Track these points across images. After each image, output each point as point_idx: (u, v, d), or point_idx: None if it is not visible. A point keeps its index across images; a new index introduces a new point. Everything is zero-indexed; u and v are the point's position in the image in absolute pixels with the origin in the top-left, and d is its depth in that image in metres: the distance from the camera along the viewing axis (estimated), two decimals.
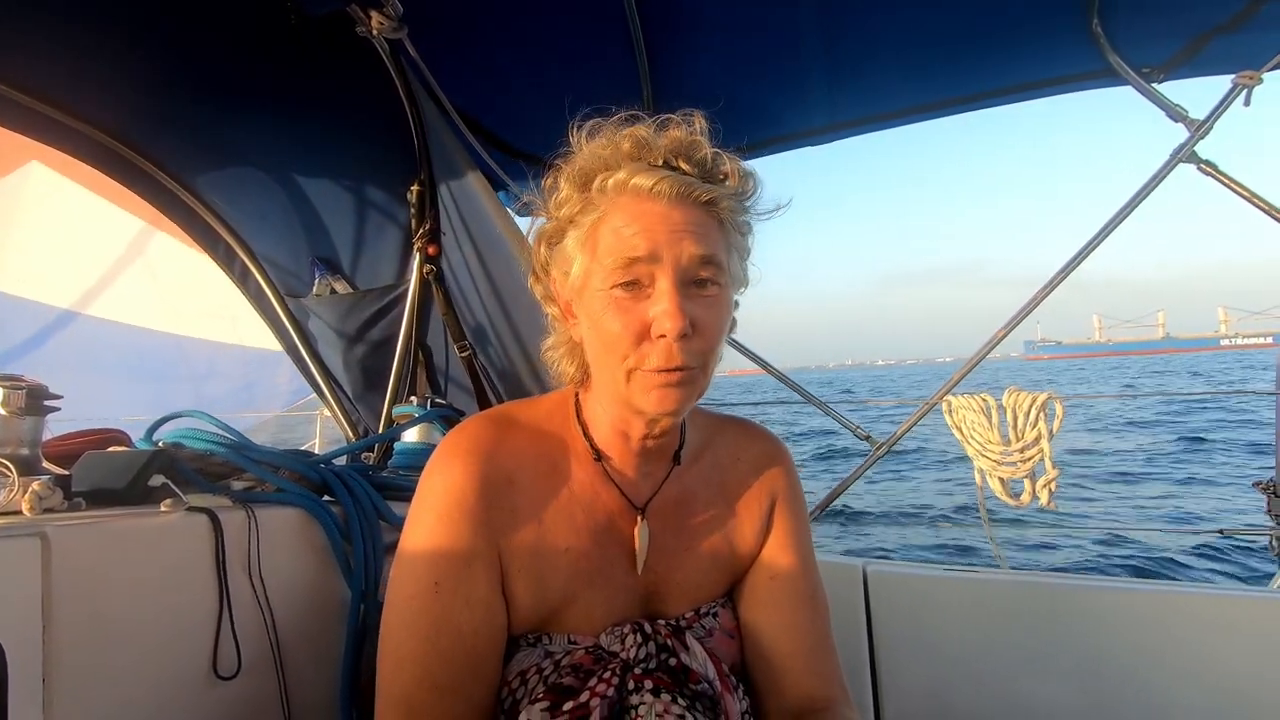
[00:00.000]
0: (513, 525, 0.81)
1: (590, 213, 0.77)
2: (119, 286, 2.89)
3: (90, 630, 0.90)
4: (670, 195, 0.75)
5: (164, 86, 1.82)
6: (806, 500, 1.01)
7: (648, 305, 0.74)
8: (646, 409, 0.77)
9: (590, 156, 0.79)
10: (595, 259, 0.76)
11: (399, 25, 1.66)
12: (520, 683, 0.79)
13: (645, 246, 0.73)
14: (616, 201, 0.76)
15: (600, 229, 0.77)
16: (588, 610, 0.82)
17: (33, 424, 1.16)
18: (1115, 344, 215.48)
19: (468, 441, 0.83)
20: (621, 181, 0.76)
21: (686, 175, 0.76)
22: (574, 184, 0.79)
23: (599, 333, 0.77)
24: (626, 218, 0.75)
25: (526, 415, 0.89)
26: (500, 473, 0.82)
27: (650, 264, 0.73)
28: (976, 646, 1.36)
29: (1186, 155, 1.72)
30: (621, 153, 0.78)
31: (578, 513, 0.84)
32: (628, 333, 0.74)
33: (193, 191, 2.08)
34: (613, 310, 0.74)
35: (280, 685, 1.16)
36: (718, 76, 2.08)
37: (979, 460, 1.95)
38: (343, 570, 1.27)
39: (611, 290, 0.74)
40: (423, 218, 1.95)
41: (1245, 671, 1.21)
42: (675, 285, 0.73)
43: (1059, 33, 1.80)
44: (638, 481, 0.88)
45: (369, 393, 2.23)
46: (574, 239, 0.79)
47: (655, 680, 0.77)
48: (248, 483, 1.25)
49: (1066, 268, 1.88)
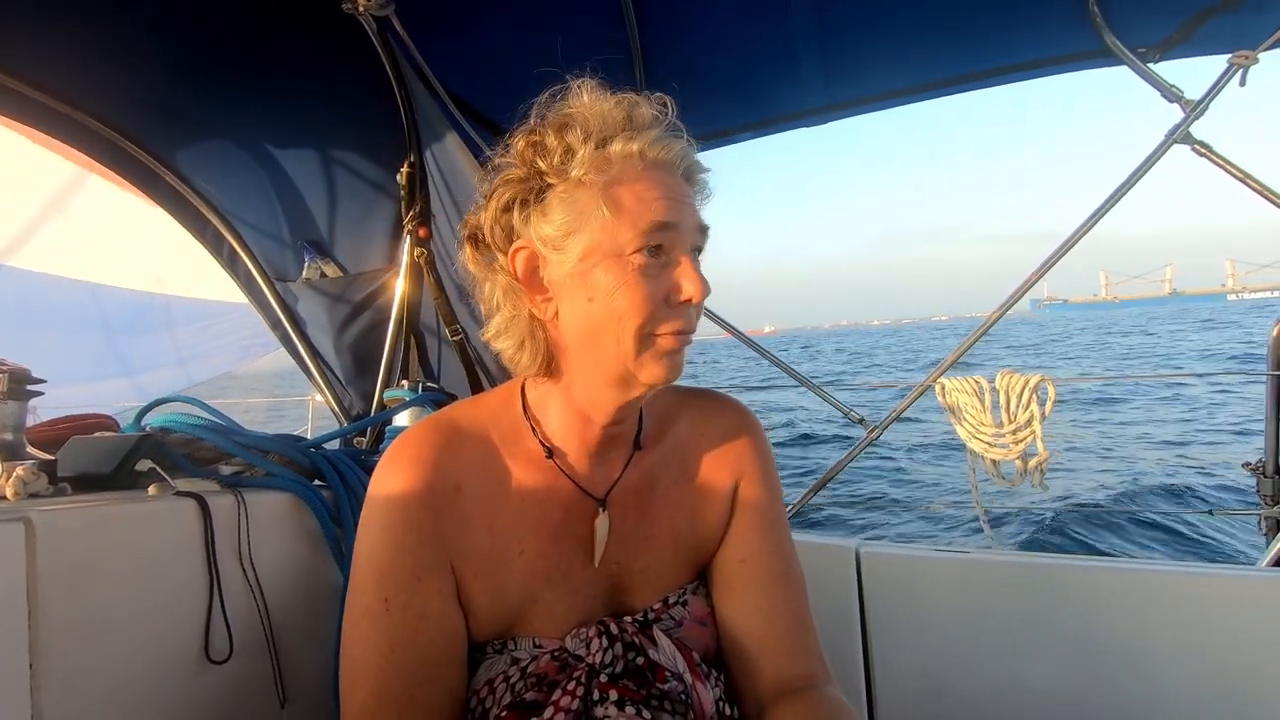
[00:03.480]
0: (464, 533, 0.79)
1: (604, 172, 0.73)
2: (50, 236, 2.79)
3: (77, 616, 0.90)
4: (682, 167, 0.77)
5: (148, 68, 1.78)
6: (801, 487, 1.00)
7: (669, 272, 0.74)
8: (653, 378, 0.76)
9: (602, 116, 0.75)
10: (617, 222, 0.72)
11: (385, 2, 1.63)
12: (489, 691, 0.78)
13: (670, 212, 0.73)
14: (632, 167, 0.74)
15: (618, 192, 0.73)
16: (550, 610, 0.81)
17: (15, 409, 1.15)
18: (1123, 301, 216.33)
19: (411, 451, 0.80)
20: (643, 148, 0.74)
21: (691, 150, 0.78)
22: (589, 141, 0.74)
23: (611, 302, 0.73)
24: (648, 184, 0.74)
25: (470, 417, 0.86)
26: (447, 481, 0.79)
27: (674, 230, 0.74)
28: (969, 627, 1.37)
29: (1181, 136, 1.71)
30: (638, 117, 0.76)
31: (531, 511, 0.82)
32: (653, 299, 0.73)
33: (179, 174, 2.05)
34: (637, 276, 0.72)
35: (274, 667, 1.16)
36: (711, 57, 2.06)
37: (972, 442, 1.96)
38: (334, 554, 1.26)
39: (634, 256, 0.72)
40: (413, 200, 1.92)
41: (1235, 649, 1.22)
42: (690, 252, 0.76)
43: (1055, 12, 1.79)
44: (595, 472, 0.85)
45: (360, 376, 2.21)
46: (582, 199, 0.73)
47: (620, 690, 0.75)
48: (237, 467, 1.24)
49: (1058, 252, 1.88)
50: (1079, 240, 1.85)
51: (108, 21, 1.61)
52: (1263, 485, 2.48)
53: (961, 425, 1.97)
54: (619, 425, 0.83)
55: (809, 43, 1.96)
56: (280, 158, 2.01)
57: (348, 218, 2.08)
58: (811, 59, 2.01)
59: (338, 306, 2.14)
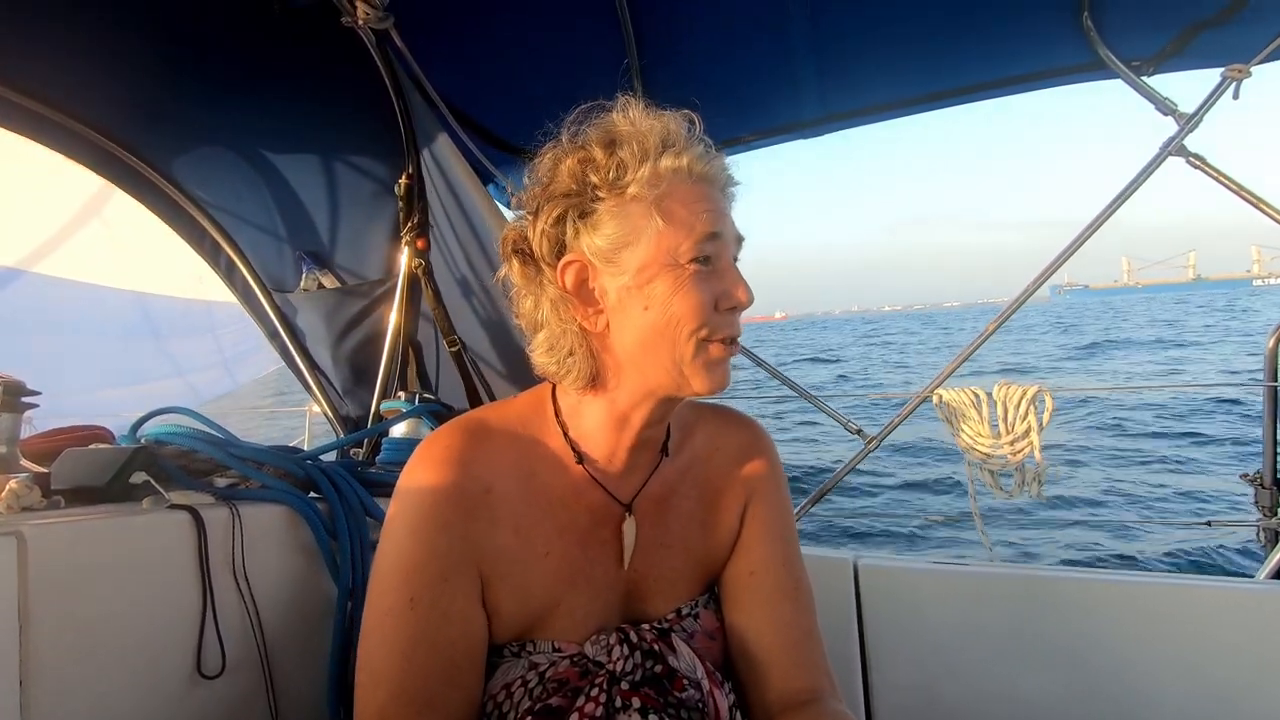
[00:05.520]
0: (492, 534, 0.79)
1: (655, 187, 0.76)
2: (76, 244, 2.80)
3: (69, 630, 0.89)
4: (720, 182, 0.81)
5: (148, 79, 1.79)
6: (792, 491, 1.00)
7: (718, 279, 0.77)
8: (705, 388, 0.78)
9: (649, 131, 0.78)
10: (672, 233, 0.76)
11: (385, 15, 1.64)
12: (506, 696, 0.78)
13: (718, 223, 0.77)
14: (681, 181, 0.78)
15: (670, 205, 0.76)
16: (570, 613, 0.81)
17: (9, 420, 1.14)
18: (1145, 287, 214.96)
19: (441, 452, 0.80)
20: (690, 163, 0.78)
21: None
22: (639, 156, 0.77)
23: (668, 309, 0.75)
24: (696, 197, 0.77)
25: (500, 419, 0.87)
26: (477, 482, 0.80)
27: (720, 240, 0.77)
28: (967, 639, 1.36)
29: (1176, 149, 1.72)
30: (680, 134, 0.80)
31: (559, 515, 0.83)
32: (707, 305, 0.76)
33: (177, 185, 2.05)
34: (691, 282, 0.76)
35: (267, 683, 1.15)
36: (708, 70, 2.07)
37: (969, 453, 1.95)
38: (329, 567, 1.25)
39: (688, 265, 0.76)
40: (411, 211, 1.93)
41: (1233, 662, 1.21)
42: (733, 261, 0.80)
43: (1049, 26, 1.80)
44: (622, 477, 0.86)
45: (358, 387, 2.21)
46: (631, 212, 0.76)
47: (642, 698, 0.76)
48: (232, 479, 1.23)
49: (1055, 263, 1.88)
50: (1078, 249, 1.85)
51: (105, 31, 1.62)
52: (1260, 496, 2.48)
53: (959, 436, 1.97)
54: (652, 429, 0.84)
55: (805, 56, 1.97)
56: (278, 169, 2.01)
57: (346, 229, 2.08)
58: (808, 72, 2.02)
59: (335, 317, 2.14)
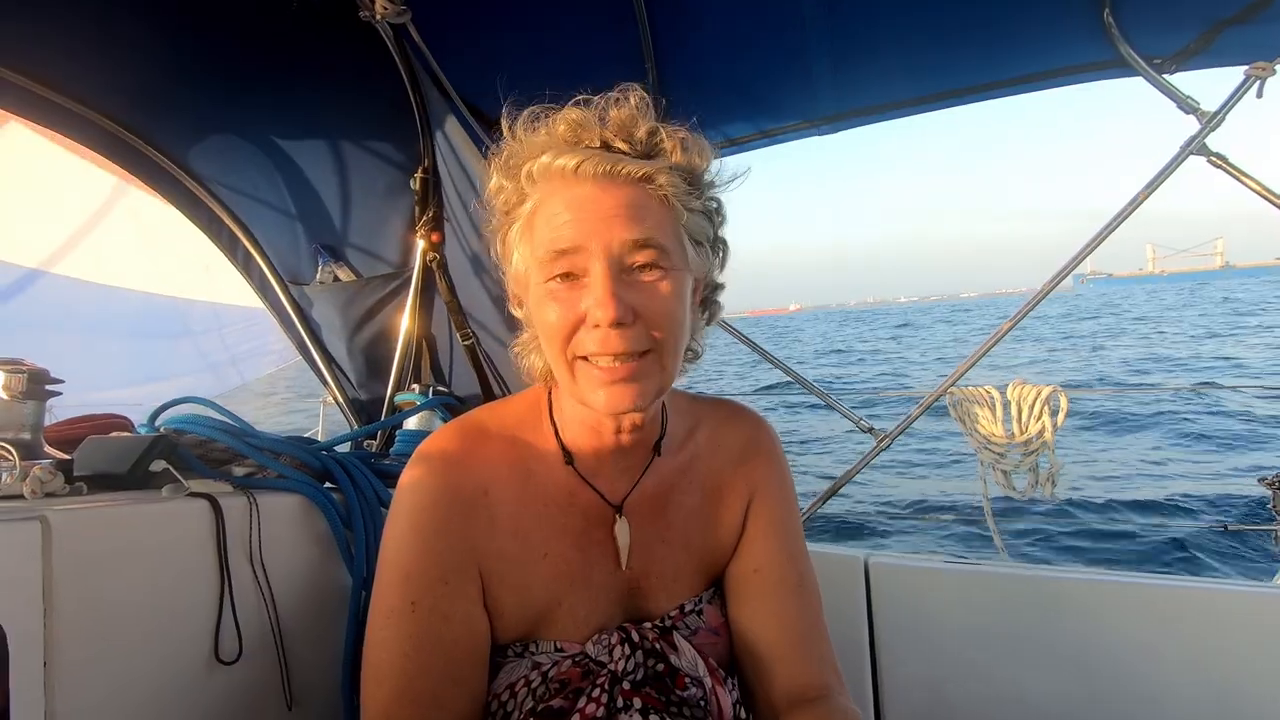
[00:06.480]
0: (491, 536, 0.80)
1: (525, 202, 0.76)
2: (95, 245, 2.84)
3: (91, 614, 0.91)
4: (597, 175, 0.71)
5: (166, 71, 1.80)
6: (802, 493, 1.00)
7: (583, 294, 0.72)
8: (597, 406, 0.74)
9: (524, 144, 0.77)
10: (532, 251, 0.76)
11: (403, 9, 1.64)
12: (510, 695, 0.78)
13: (573, 237, 0.71)
14: (547, 187, 0.74)
15: (536, 219, 0.75)
16: (572, 613, 0.82)
17: (34, 408, 1.16)
18: (1170, 275, 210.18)
19: (439, 454, 0.82)
20: (546, 165, 0.73)
21: (616, 152, 0.73)
22: (504, 173, 0.78)
23: (541, 326, 0.76)
24: (558, 204, 0.73)
25: (497, 420, 0.87)
26: (475, 484, 0.81)
27: (580, 254, 0.71)
28: (977, 638, 1.36)
29: (1197, 147, 1.70)
30: (556, 137, 0.75)
31: (556, 516, 0.83)
32: (563, 324, 0.72)
33: (195, 177, 2.07)
34: (548, 301, 0.73)
35: (282, 670, 1.16)
36: (724, 64, 2.06)
37: (982, 453, 1.94)
38: (344, 557, 1.27)
39: (547, 283, 0.74)
40: (426, 205, 1.94)
41: (1246, 666, 1.20)
42: (609, 273, 0.70)
43: (1070, 22, 1.78)
44: (614, 477, 0.86)
45: (372, 380, 2.23)
46: (515, 231, 0.79)
47: (643, 698, 0.76)
48: (249, 469, 1.25)
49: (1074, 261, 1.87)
50: (1098, 245, 1.84)
51: (123, 22, 1.63)
52: (1278, 500, 2.45)
53: (972, 436, 1.96)
54: (630, 435, 0.83)
55: (821, 53, 1.96)
56: (295, 162, 2.03)
57: (362, 222, 2.09)
58: (824, 67, 2.01)
59: (351, 310, 2.15)
